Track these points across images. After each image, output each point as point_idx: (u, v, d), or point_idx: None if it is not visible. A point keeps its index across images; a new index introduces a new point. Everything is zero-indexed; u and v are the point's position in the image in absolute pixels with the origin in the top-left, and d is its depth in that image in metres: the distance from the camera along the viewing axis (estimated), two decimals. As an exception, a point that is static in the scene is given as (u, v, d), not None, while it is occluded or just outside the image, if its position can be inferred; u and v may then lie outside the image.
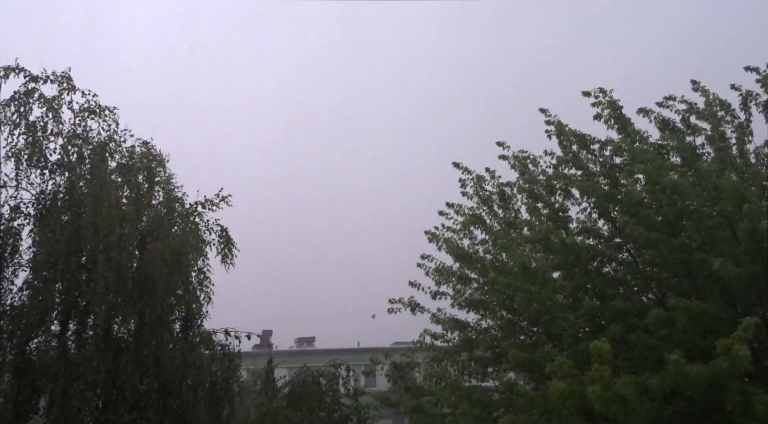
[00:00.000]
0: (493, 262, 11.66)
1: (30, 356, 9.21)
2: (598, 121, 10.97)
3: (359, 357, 24.05)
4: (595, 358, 6.88)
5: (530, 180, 11.98)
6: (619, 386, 6.73)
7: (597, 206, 10.84)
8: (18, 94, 9.79)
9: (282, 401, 14.96)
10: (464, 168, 12.88)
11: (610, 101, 10.64)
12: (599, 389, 6.64)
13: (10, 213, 9.86)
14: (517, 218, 12.32)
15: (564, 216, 11.39)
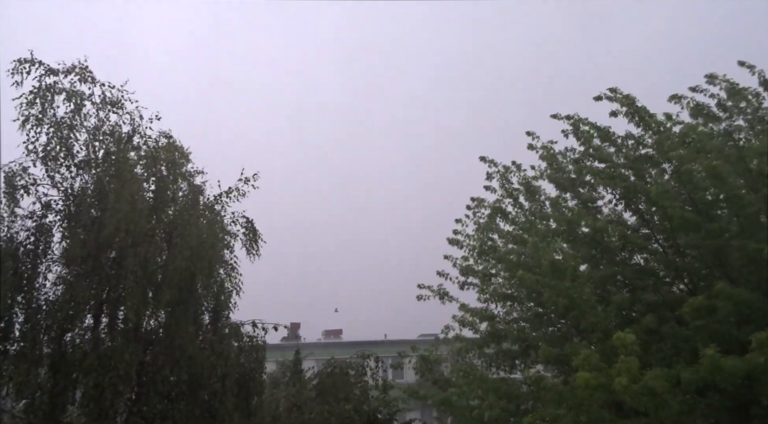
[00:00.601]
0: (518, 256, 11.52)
1: (65, 350, 9.47)
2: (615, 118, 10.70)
3: (386, 349, 24.14)
4: (621, 349, 6.74)
5: (559, 170, 11.77)
6: (649, 378, 6.59)
7: (623, 197, 10.61)
8: (41, 90, 9.98)
9: (311, 392, 15.11)
10: (491, 161, 12.75)
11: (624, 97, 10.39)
12: (626, 380, 6.51)
13: (40, 210, 10.14)
14: (542, 210, 12.15)
15: (592, 206, 11.17)
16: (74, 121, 10.15)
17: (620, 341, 6.72)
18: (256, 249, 11.13)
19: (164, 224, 10.24)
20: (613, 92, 10.59)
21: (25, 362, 9.03)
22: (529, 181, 12.25)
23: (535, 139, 12.13)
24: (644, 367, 6.89)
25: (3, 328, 9.35)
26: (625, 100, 10.46)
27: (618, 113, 10.65)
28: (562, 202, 11.61)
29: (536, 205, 12.12)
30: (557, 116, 11.44)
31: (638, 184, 9.79)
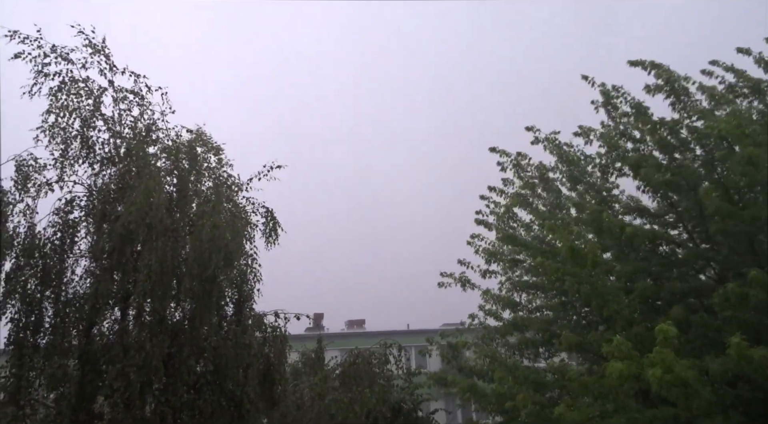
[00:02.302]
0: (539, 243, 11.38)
1: (93, 342, 9.70)
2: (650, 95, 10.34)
3: (409, 339, 24.20)
4: (660, 341, 6.60)
5: (570, 162, 11.51)
6: (681, 369, 6.44)
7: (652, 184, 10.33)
8: (65, 85, 10.11)
9: (334, 381, 15.21)
10: (501, 151, 12.56)
11: (664, 70, 10.00)
12: (660, 372, 6.38)
13: (65, 206, 10.34)
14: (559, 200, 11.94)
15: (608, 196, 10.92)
16: (94, 116, 10.29)
17: (663, 333, 6.57)
18: (274, 238, 11.17)
19: (188, 216, 10.35)
20: (654, 67, 10.14)
21: (55, 354, 9.31)
22: (544, 170, 12.04)
23: (537, 132, 11.89)
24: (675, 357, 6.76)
25: (33, 322, 9.60)
26: (664, 74, 10.01)
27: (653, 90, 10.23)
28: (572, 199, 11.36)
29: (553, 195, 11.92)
30: (588, 79, 11.07)
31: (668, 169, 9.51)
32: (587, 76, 11.04)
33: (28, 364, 9.25)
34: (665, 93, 10.09)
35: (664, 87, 10.00)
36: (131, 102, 10.70)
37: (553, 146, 11.65)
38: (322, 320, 33.38)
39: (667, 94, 10.07)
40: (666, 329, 6.59)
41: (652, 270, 9.74)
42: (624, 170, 10.52)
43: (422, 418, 18.20)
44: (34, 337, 9.54)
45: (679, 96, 10.02)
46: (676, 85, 9.94)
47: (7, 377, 9.22)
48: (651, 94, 10.13)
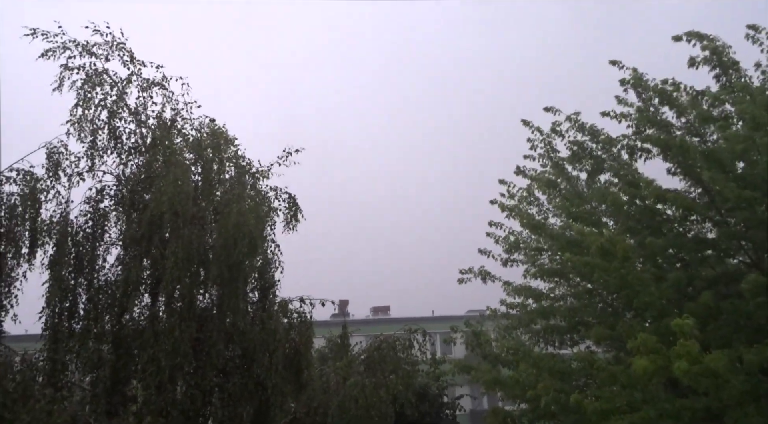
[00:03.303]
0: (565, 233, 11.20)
1: (126, 327, 10.00)
2: (694, 68, 9.99)
3: (434, 325, 24.28)
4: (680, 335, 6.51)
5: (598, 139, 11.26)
6: (710, 360, 6.33)
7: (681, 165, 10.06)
8: (90, 78, 10.32)
9: (359, 366, 15.38)
10: (535, 127, 12.31)
11: (709, 42, 9.63)
12: (686, 365, 6.28)
13: (96, 195, 10.62)
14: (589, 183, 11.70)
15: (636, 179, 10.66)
16: (119, 107, 10.49)
17: (679, 327, 6.48)
18: (294, 224, 11.29)
19: (213, 205, 10.52)
20: (699, 38, 9.79)
21: (89, 339, 9.64)
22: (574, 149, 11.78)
23: (557, 114, 11.61)
24: (703, 346, 6.64)
25: (68, 307, 9.93)
26: (710, 45, 9.66)
27: (698, 62, 9.87)
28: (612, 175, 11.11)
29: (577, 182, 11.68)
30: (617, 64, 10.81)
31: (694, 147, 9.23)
32: (615, 61, 10.78)
33: (63, 348, 9.59)
34: (711, 65, 9.71)
35: (711, 59, 9.63)
36: (154, 92, 10.86)
37: (578, 126, 11.41)
38: (348, 306, 33.73)
39: (713, 66, 9.70)
40: (682, 324, 6.50)
41: (681, 249, 9.53)
42: (652, 152, 10.27)
43: (448, 403, 18.32)
44: (69, 322, 9.87)
45: (726, 69, 9.65)
46: (724, 58, 9.56)
47: (45, 361, 9.60)
48: (695, 67, 9.76)
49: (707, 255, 9.88)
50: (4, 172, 10.17)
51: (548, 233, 11.02)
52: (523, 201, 12.26)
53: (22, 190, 10.09)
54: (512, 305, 12.45)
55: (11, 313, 9.84)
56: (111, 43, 10.53)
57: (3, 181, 10.11)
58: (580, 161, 11.57)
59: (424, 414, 16.62)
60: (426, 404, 16.91)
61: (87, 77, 10.31)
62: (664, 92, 9.93)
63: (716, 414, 7.72)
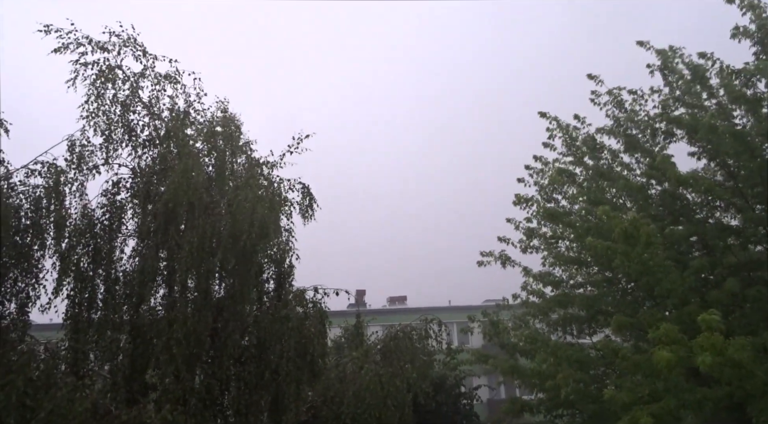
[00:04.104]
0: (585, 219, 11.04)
1: (143, 316, 10.13)
2: (736, 41, 9.66)
3: (451, 315, 24.22)
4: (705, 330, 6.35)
5: (629, 119, 11.04)
6: (734, 350, 6.18)
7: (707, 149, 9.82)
8: (103, 74, 10.40)
9: (375, 355, 15.41)
10: (552, 118, 12.13)
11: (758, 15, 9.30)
12: (710, 358, 6.14)
13: (112, 188, 10.73)
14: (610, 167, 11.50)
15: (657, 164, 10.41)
16: (133, 101, 10.56)
17: (705, 323, 6.32)
18: (311, 214, 11.28)
19: (227, 195, 10.56)
20: (749, 6, 9.47)
21: (107, 328, 9.79)
22: (594, 138, 11.60)
23: (600, 85, 11.37)
24: (727, 334, 6.49)
25: (87, 298, 10.09)
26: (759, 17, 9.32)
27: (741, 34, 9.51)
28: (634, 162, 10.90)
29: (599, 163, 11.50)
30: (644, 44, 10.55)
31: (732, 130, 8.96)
32: (643, 42, 10.52)
33: (83, 338, 9.76)
34: (754, 40, 9.38)
35: (756, 32, 9.31)
36: (166, 86, 10.91)
37: (616, 102, 11.20)
38: (364, 296, 33.79)
39: (755, 41, 9.37)
40: (709, 319, 6.34)
41: (705, 236, 9.31)
42: (676, 135, 10.04)
43: (465, 393, 18.28)
44: (89, 312, 10.03)
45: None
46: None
47: (67, 350, 9.79)
48: (737, 39, 9.42)
49: (731, 243, 9.65)
50: (29, 165, 10.33)
51: (565, 221, 10.86)
52: (546, 188, 12.10)
53: (46, 183, 10.24)
54: (532, 290, 12.34)
55: (38, 304, 10.05)
56: (124, 38, 10.60)
57: (28, 174, 10.28)
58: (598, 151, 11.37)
59: (441, 404, 16.61)
60: (443, 393, 16.88)
61: (100, 72, 10.38)
62: (699, 69, 9.63)
63: (739, 404, 7.56)
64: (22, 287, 9.97)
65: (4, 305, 9.84)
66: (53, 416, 8.22)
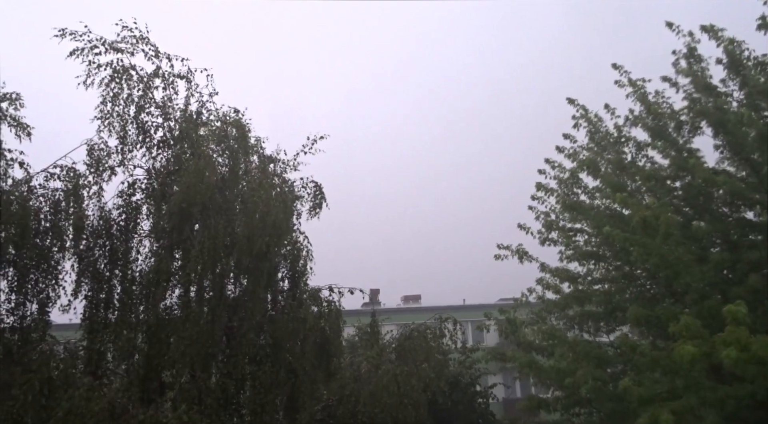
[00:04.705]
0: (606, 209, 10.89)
1: (160, 316, 10.20)
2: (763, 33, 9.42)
3: (465, 314, 24.06)
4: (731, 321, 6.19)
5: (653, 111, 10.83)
6: (759, 347, 6.03)
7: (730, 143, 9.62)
8: (117, 75, 10.48)
9: (390, 354, 15.38)
10: (580, 106, 11.95)
11: None
12: (734, 352, 5.99)
13: (128, 189, 10.83)
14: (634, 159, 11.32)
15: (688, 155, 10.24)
16: (146, 102, 10.64)
17: (732, 314, 6.16)
18: (317, 212, 11.30)
19: (240, 193, 10.60)
20: None
21: (124, 328, 9.88)
22: (620, 128, 11.39)
23: (623, 74, 11.16)
24: (750, 331, 6.33)
25: (104, 298, 10.20)
26: None
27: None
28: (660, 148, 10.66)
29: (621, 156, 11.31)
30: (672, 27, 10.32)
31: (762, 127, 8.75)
32: (671, 24, 10.28)
33: (100, 337, 9.86)
34: None
35: None
36: (180, 86, 10.99)
37: (639, 94, 11.01)
38: (378, 295, 33.77)
39: None
40: (735, 310, 6.18)
41: (728, 232, 9.11)
42: (702, 128, 9.83)
43: (480, 392, 18.18)
44: (105, 312, 10.14)
45: None
46: None
47: (84, 350, 9.90)
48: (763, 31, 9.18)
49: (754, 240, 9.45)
50: (48, 169, 10.49)
51: (585, 213, 10.68)
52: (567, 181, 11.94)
53: (65, 186, 10.39)
54: (549, 285, 12.17)
55: (58, 304, 10.20)
56: (137, 36, 10.67)
57: (48, 178, 10.43)
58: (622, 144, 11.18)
59: (457, 403, 16.53)
60: (458, 392, 16.80)
61: (114, 74, 10.48)
62: (733, 54, 9.39)
63: (762, 402, 7.39)
64: (42, 287, 10.12)
65: (25, 305, 10.00)
66: (71, 416, 8.30)
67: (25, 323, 9.96)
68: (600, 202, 11.46)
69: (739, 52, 9.57)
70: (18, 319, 9.97)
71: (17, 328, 9.93)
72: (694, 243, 9.31)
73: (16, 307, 9.96)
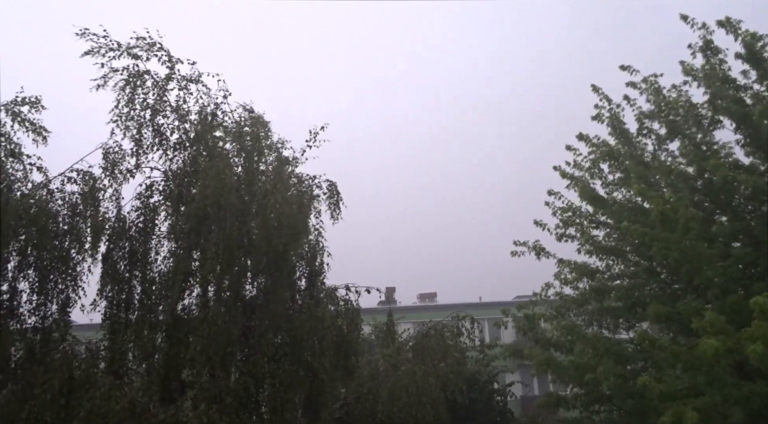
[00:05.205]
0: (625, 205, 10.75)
1: (179, 316, 10.30)
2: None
3: (481, 311, 23.96)
4: (757, 314, 6.06)
5: (671, 106, 10.66)
6: (787, 343, 5.89)
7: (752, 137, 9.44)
8: (132, 79, 10.59)
9: (407, 353, 15.39)
10: (604, 95, 11.80)
11: None
12: (761, 347, 5.87)
13: (145, 191, 10.94)
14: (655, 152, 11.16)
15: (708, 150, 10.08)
16: (161, 105, 10.75)
17: (759, 306, 6.04)
18: (338, 213, 11.28)
19: (256, 194, 10.66)
20: None
21: (144, 328, 9.99)
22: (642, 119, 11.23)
23: (634, 74, 11.01)
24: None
25: (124, 299, 10.33)
26: None
27: None
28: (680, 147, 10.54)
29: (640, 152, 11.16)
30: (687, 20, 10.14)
31: None
32: (686, 17, 10.12)
33: (121, 337, 9.98)
34: None
35: None
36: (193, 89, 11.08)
37: (652, 90, 10.84)
38: (394, 293, 33.75)
39: None
40: (762, 302, 6.04)
41: (753, 231, 8.93)
42: (722, 121, 9.65)
43: (498, 390, 18.10)
44: (126, 313, 10.26)
45: None
46: None
47: (105, 350, 10.04)
48: None
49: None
50: (66, 173, 10.67)
51: (608, 207, 10.54)
52: (587, 172, 11.81)
53: (82, 190, 10.56)
54: (567, 279, 12.04)
55: (78, 304, 10.35)
56: (150, 43, 10.80)
57: (65, 181, 10.60)
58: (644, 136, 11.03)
59: (475, 401, 16.47)
60: (476, 390, 16.74)
61: (129, 78, 10.60)
62: (753, 46, 9.21)
63: (789, 400, 7.23)
64: (62, 288, 10.28)
65: (46, 306, 10.17)
66: (93, 415, 8.41)
67: (46, 324, 10.12)
68: (620, 195, 11.31)
69: (759, 45, 9.38)
70: (39, 319, 10.14)
71: (39, 328, 10.11)
72: (716, 238, 9.15)
73: (38, 307, 10.14)
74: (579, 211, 11.72)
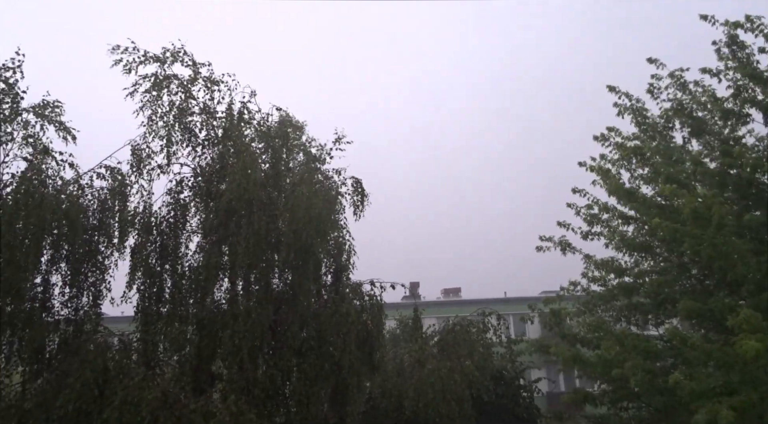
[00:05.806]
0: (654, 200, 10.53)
1: (208, 309, 10.50)
2: None
3: (506, 307, 23.79)
4: None
5: (696, 100, 10.41)
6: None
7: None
8: (158, 81, 10.82)
9: (432, 348, 15.37)
10: (623, 93, 11.59)
11: None
12: None
13: (176, 187, 11.16)
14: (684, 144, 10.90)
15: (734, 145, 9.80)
16: (188, 106, 10.96)
17: None
18: (361, 209, 11.36)
19: (282, 191, 10.79)
20: None
21: (175, 321, 10.22)
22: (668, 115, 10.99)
23: (660, 68, 10.76)
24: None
25: (155, 292, 10.56)
26: None
27: None
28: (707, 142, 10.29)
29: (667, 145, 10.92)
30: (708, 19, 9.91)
31: None
32: (706, 16, 9.90)
33: (153, 329, 10.22)
34: None
35: None
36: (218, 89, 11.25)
37: (678, 85, 10.60)
38: (418, 288, 33.72)
39: None
40: None
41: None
42: (750, 115, 9.38)
43: (524, 386, 17.95)
44: (157, 306, 10.50)
45: None
46: None
47: (138, 341, 10.29)
48: None
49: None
50: (95, 169, 10.94)
51: (640, 200, 10.34)
52: (615, 164, 11.60)
53: (111, 185, 10.81)
54: (594, 278, 11.85)
55: (108, 297, 10.64)
56: (174, 51, 11.09)
57: (94, 177, 10.89)
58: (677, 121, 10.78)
59: (501, 397, 16.37)
60: (502, 386, 16.64)
61: (157, 81, 10.86)
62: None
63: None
64: (93, 281, 10.56)
65: (78, 298, 10.46)
66: (126, 404, 8.64)
67: (78, 316, 10.40)
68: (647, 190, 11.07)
69: None
70: (72, 311, 10.43)
71: (71, 320, 10.40)
72: (748, 233, 8.91)
73: (70, 299, 10.43)
74: (605, 206, 11.51)
